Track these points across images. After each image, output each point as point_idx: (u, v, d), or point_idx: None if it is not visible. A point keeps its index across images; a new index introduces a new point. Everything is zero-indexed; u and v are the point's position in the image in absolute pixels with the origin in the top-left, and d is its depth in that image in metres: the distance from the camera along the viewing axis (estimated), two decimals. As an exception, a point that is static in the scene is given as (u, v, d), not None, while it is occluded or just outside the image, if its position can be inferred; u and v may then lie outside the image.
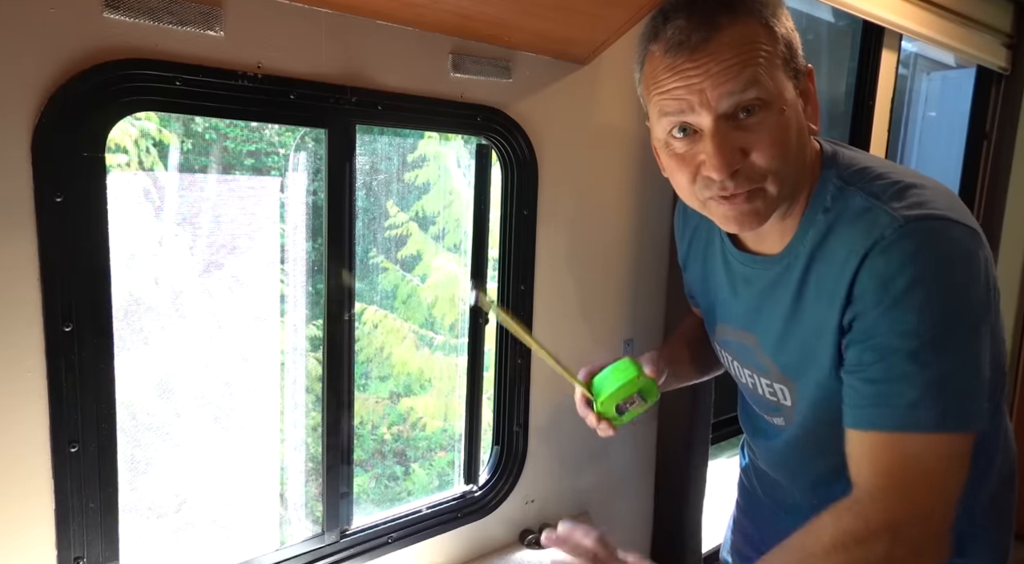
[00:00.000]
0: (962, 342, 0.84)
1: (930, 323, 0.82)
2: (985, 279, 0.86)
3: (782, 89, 0.88)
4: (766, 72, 0.86)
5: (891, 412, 0.84)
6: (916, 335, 0.83)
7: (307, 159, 1.40)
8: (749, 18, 0.87)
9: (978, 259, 0.85)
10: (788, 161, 0.89)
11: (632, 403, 1.09)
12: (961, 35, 2.47)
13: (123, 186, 1.30)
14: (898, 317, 0.84)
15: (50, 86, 0.89)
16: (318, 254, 1.32)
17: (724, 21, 0.85)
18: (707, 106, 0.86)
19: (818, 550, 0.82)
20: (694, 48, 0.85)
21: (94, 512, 0.99)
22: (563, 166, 1.50)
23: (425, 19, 1.19)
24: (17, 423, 0.92)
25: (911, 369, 0.83)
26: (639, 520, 1.88)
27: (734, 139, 0.87)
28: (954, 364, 0.83)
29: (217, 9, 0.99)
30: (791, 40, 0.90)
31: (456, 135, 1.55)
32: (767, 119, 0.87)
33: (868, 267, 0.86)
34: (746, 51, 0.85)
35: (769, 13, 0.88)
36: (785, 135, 0.88)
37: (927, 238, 0.84)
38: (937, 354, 0.83)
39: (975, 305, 0.85)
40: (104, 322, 0.97)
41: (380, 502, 2.20)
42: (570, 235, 1.56)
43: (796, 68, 0.91)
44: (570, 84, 1.48)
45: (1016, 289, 3.31)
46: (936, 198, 0.87)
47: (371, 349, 2.22)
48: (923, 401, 0.82)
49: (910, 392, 0.83)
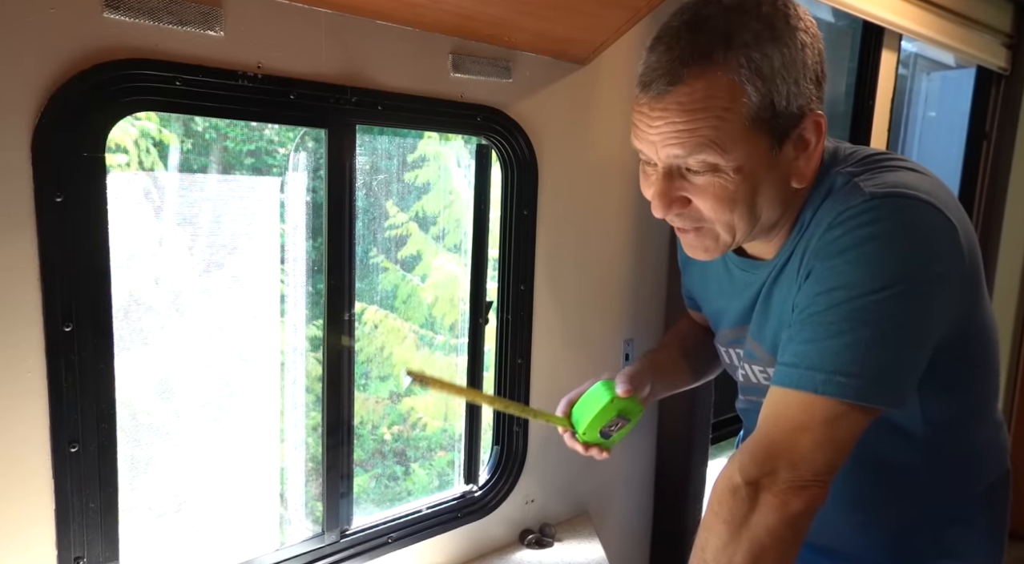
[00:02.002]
0: (887, 314, 0.82)
1: (857, 291, 0.82)
2: (943, 262, 0.84)
3: (743, 151, 0.84)
4: (722, 136, 0.83)
5: (796, 372, 0.85)
6: (838, 301, 0.83)
7: (307, 159, 1.40)
8: (720, 70, 0.81)
9: (940, 240, 0.84)
10: (741, 215, 0.88)
11: (616, 426, 1.08)
12: (961, 35, 2.47)
13: (123, 186, 1.30)
14: (829, 279, 0.84)
15: (50, 86, 0.89)
16: (318, 254, 1.32)
17: (690, 73, 0.82)
18: (657, 156, 0.88)
19: (709, 507, 0.89)
20: (655, 96, 0.84)
21: (94, 512, 0.99)
22: (563, 166, 1.50)
23: (425, 19, 1.19)
24: (17, 423, 0.92)
25: (824, 332, 0.84)
26: (639, 520, 1.88)
27: (678, 187, 0.88)
28: (870, 337, 0.82)
29: (217, 9, 1.00)
30: (775, 96, 0.83)
31: (456, 135, 1.56)
32: (714, 180, 0.86)
33: (825, 235, 0.86)
34: (701, 115, 0.82)
35: (750, 64, 0.81)
36: (737, 194, 0.87)
37: (888, 211, 0.83)
38: (852, 322, 0.82)
39: (921, 279, 0.83)
40: (104, 322, 0.97)
41: (380, 502, 2.20)
42: (570, 235, 1.56)
43: (779, 124, 0.85)
44: (570, 84, 1.48)
45: (1016, 289, 3.31)
46: (918, 182, 0.86)
47: (371, 349, 2.22)
48: (825, 366, 0.83)
49: (817, 355, 0.84)
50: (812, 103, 0.87)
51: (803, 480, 0.84)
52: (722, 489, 0.89)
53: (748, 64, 0.81)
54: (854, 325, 0.83)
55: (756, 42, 0.82)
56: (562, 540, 1.57)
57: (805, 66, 0.84)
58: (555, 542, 1.56)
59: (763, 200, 0.89)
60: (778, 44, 0.82)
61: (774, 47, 0.82)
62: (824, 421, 0.84)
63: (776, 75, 0.82)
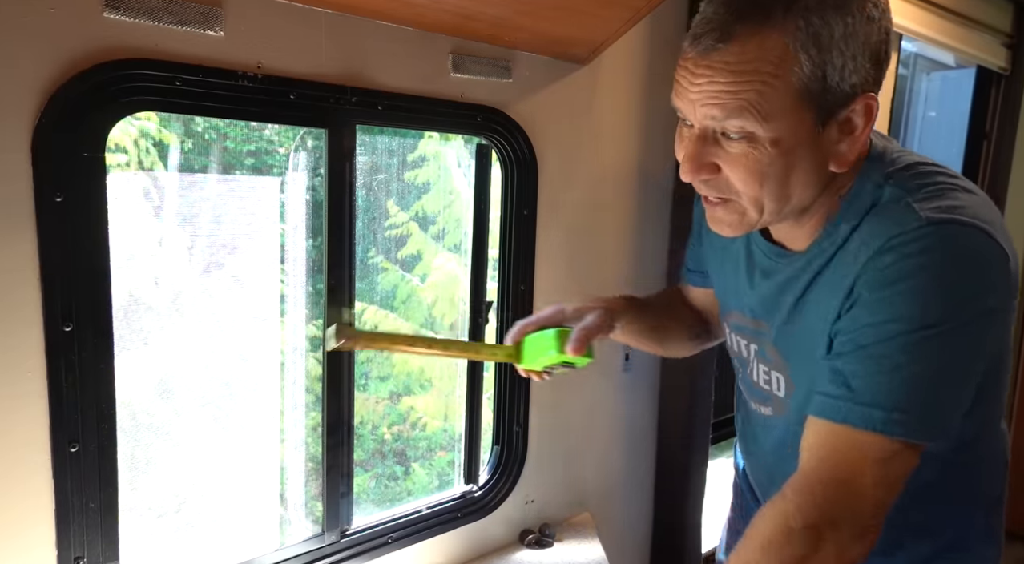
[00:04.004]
0: (942, 349, 0.80)
1: (913, 325, 0.79)
2: (996, 296, 0.82)
3: (785, 123, 0.80)
4: (765, 103, 0.78)
5: (852, 407, 0.82)
6: (893, 334, 0.80)
7: (307, 159, 1.40)
8: (775, 32, 0.77)
9: (994, 272, 0.81)
10: (771, 193, 0.84)
11: (558, 369, 1.06)
12: (961, 35, 2.47)
13: (123, 186, 1.30)
14: (883, 311, 0.81)
15: (50, 86, 0.89)
16: (318, 254, 1.32)
17: (743, 30, 0.77)
18: (694, 116, 0.84)
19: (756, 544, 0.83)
20: (703, 51, 0.80)
21: (94, 512, 0.99)
22: (563, 166, 1.50)
23: (425, 19, 1.19)
24: (17, 423, 0.92)
25: (879, 367, 0.81)
26: (639, 520, 1.88)
27: (710, 153, 0.84)
28: (924, 372, 0.80)
29: (217, 9, 0.99)
30: (828, 69, 0.78)
31: (456, 135, 1.56)
32: (749, 151, 0.81)
33: (876, 260, 0.82)
34: (746, 78, 0.78)
35: (809, 29, 0.76)
36: (770, 169, 0.82)
37: (945, 240, 0.79)
38: (909, 356, 0.80)
39: (973, 314, 0.80)
40: (104, 322, 0.97)
41: (380, 502, 2.20)
42: (570, 235, 1.56)
43: (828, 100, 0.80)
44: (570, 84, 1.48)
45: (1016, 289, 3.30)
46: (975, 206, 0.82)
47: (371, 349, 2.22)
48: (882, 402, 0.80)
49: (874, 390, 0.81)
50: (867, 84, 0.81)
51: (863, 526, 0.82)
52: (775, 529, 0.83)
53: (807, 28, 0.76)
54: (907, 361, 0.80)
55: (819, 6, 0.76)
56: (562, 540, 1.57)
57: (867, 42, 0.79)
58: (555, 542, 1.56)
59: (796, 180, 0.84)
60: (842, 13, 0.77)
61: (837, 15, 0.77)
62: (879, 460, 0.81)
63: (834, 46, 0.77)
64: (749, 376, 1.10)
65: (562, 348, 1.01)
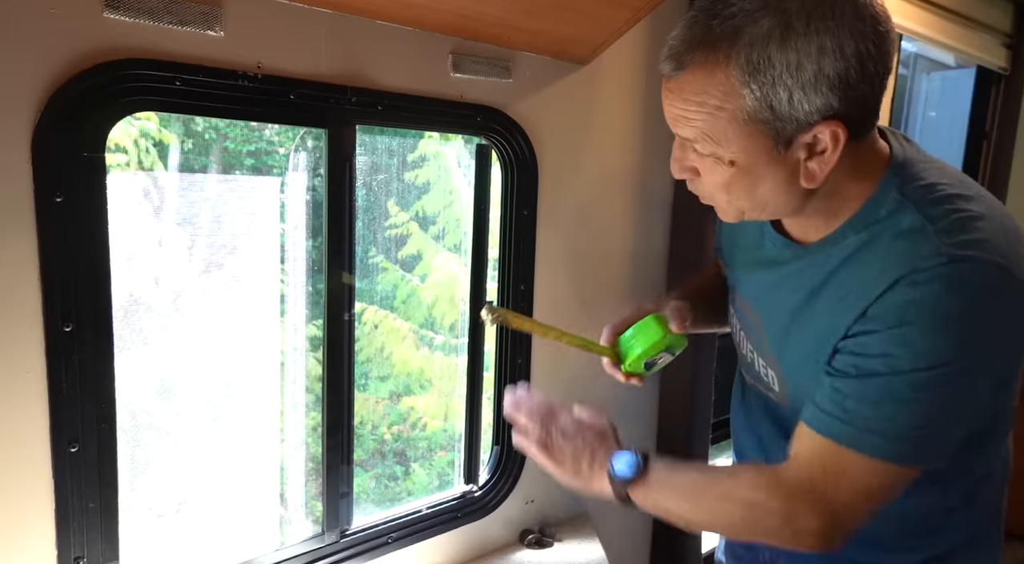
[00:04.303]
0: (948, 388, 0.82)
1: (923, 363, 0.81)
2: (1015, 331, 0.84)
3: (738, 145, 0.83)
4: (716, 131, 0.82)
5: (849, 430, 0.85)
6: (903, 369, 0.82)
7: (307, 159, 1.40)
8: (720, 66, 0.79)
9: (1011, 310, 0.82)
10: (741, 200, 0.89)
11: (660, 358, 1.11)
12: (961, 35, 2.47)
13: (123, 186, 1.30)
14: (896, 345, 0.82)
15: (50, 86, 0.89)
16: (318, 254, 1.32)
17: (693, 61, 0.81)
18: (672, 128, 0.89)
19: (726, 492, 0.94)
20: (666, 75, 0.85)
21: (94, 512, 0.99)
22: (563, 166, 1.50)
23: (425, 19, 1.19)
24: (17, 423, 0.92)
25: (883, 397, 0.83)
26: (639, 520, 1.88)
27: (688, 158, 0.89)
28: (927, 407, 0.83)
29: (217, 9, 0.99)
30: (774, 101, 0.79)
31: (456, 135, 1.56)
32: (713, 166, 0.86)
33: (895, 292, 0.83)
34: (696, 107, 0.82)
35: (749, 67, 0.78)
36: (732, 184, 0.87)
37: (964, 281, 0.80)
38: (915, 392, 0.82)
39: (985, 353, 0.82)
40: (104, 322, 0.97)
41: (380, 502, 2.20)
42: (570, 235, 1.56)
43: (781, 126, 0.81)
44: (570, 84, 1.48)
45: (1016, 289, 3.30)
46: (994, 237, 0.82)
47: (371, 349, 2.22)
48: (881, 430, 0.84)
49: (873, 418, 0.84)
50: (831, 110, 0.80)
51: (839, 532, 0.88)
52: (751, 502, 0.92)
53: (746, 65, 0.79)
54: (912, 397, 0.82)
55: (762, 42, 0.78)
56: (562, 540, 1.57)
57: (820, 73, 0.78)
58: (555, 542, 1.56)
59: (764, 191, 0.87)
60: (785, 49, 0.78)
61: (781, 50, 0.78)
62: (880, 482, 0.86)
63: (778, 80, 0.78)
64: (750, 364, 1.12)
65: (667, 328, 1.08)
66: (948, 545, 1.03)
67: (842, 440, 0.86)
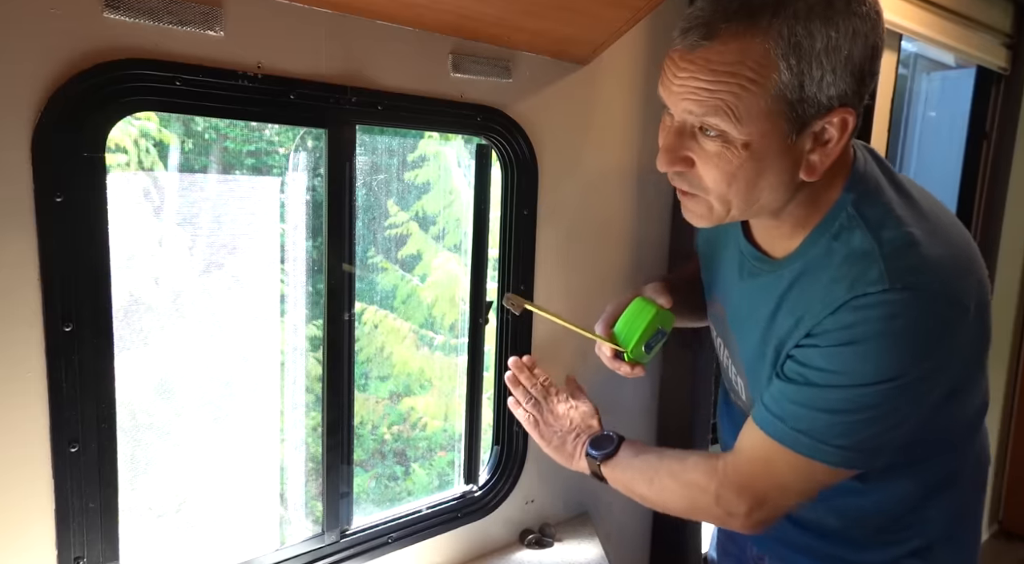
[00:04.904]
0: (877, 404, 0.86)
1: (856, 381, 0.85)
2: (950, 352, 0.86)
3: (757, 128, 0.81)
4: (741, 106, 0.80)
5: (784, 429, 0.91)
6: (837, 384, 0.86)
7: (307, 159, 1.40)
8: (759, 36, 0.77)
9: (949, 333, 0.85)
10: (738, 193, 0.87)
11: (656, 338, 1.14)
12: (961, 35, 2.47)
13: (123, 186, 1.30)
14: (833, 362, 0.87)
15: (50, 86, 0.89)
16: (318, 254, 1.32)
17: (728, 31, 0.78)
18: (675, 108, 0.86)
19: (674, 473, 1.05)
20: (688, 46, 0.81)
21: (94, 512, 0.99)
22: (563, 166, 1.50)
23: (425, 19, 1.19)
24: (17, 423, 0.92)
25: (818, 405, 0.88)
26: (639, 520, 1.88)
27: (686, 147, 0.87)
28: (857, 419, 0.87)
29: (217, 9, 0.99)
30: (806, 79, 0.78)
31: (456, 135, 1.55)
32: (722, 151, 0.84)
33: (839, 314, 0.86)
34: (725, 79, 0.79)
35: (792, 38, 0.77)
36: (739, 171, 0.84)
37: (904, 309, 0.83)
38: (846, 405, 0.87)
39: (922, 372, 0.86)
40: (104, 322, 0.97)
41: (380, 502, 2.20)
42: (570, 235, 1.56)
43: (803, 109, 0.81)
44: (570, 84, 1.48)
45: (1016, 289, 3.31)
46: (940, 261, 0.84)
47: (371, 349, 2.22)
48: (812, 433, 0.89)
49: (806, 421, 0.89)
50: (846, 97, 0.81)
51: (763, 517, 0.97)
52: (692, 483, 1.02)
53: (790, 37, 0.77)
54: (851, 408, 0.87)
55: (806, 16, 0.77)
56: (562, 540, 1.57)
57: (850, 57, 0.79)
58: (555, 542, 1.56)
59: (765, 183, 0.86)
60: (828, 25, 0.77)
61: (823, 27, 0.77)
62: (805, 478, 0.93)
63: (815, 58, 0.78)
64: (725, 369, 1.15)
65: (656, 305, 1.12)
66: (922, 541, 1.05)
67: (777, 437, 0.92)
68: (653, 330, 1.12)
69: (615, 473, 1.12)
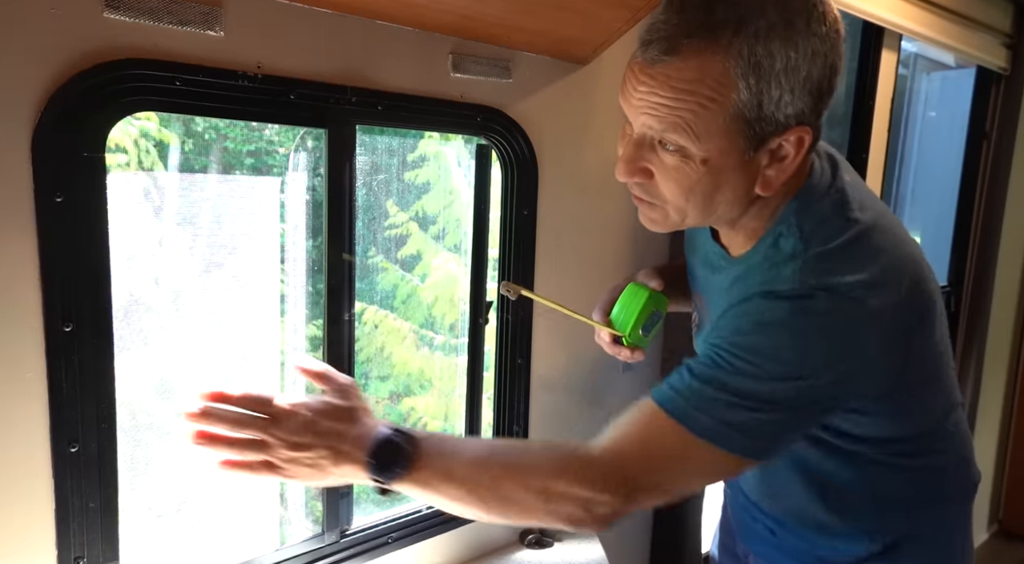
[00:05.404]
0: (785, 397, 0.84)
1: (765, 368, 0.84)
2: (856, 358, 0.85)
3: (715, 144, 0.82)
4: (700, 124, 0.80)
5: (682, 404, 0.86)
6: (746, 370, 0.84)
7: (307, 159, 1.40)
8: (719, 55, 0.77)
9: (854, 338, 0.84)
10: (695, 205, 0.87)
11: (651, 321, 1.14)
12: (961, 35, 2.47)
13: (123, 186, 1.30)
14: (744, 344, 0.86)
15: (50, 86, 0.89)
16: (318, 254, 1.32)
17: (688, 48, 0.77)
18: (635, 121, 0.86)
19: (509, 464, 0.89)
20: (648, 61, 0.81)
21: (94, 512, 0.99)
22: (563, 166, 1.50)
23: (425, 19, 1.19)
24: (17, 423, 0.92)
25: (716, 385, 0.85)
26: (639, 520, 1.88)
27: (645, 159, 0.87)
28: (747, 407, 0.84)
29: (217, 9, 0.99)
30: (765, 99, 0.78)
31: (456, 135, 1.55)
32: (680, 165, 0.84)
33: (745, 303, 0.88)
34: (684, 96, 0.79)
35: (751, 58, 0.77)
36: (697, 186, 0.85)
37: (806, 310, 0.83)
38: (750, 392, 0.84)
39: (827, 378, 0.84)
40: (104, 322, 0.97)
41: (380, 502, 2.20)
42: (570, 235, 1.56)
43: (761, 127, 0.81)
44: (570, 84, 1.48)
45: (1016, 289, 3.30)
46: (863, 268, 0.84)
47: (371, 349, 2.22)
48: (707, 411, 0.85)
49: (704, 399, 0.85)
50: (803, 116, 0.82)
51: (633, 503, 0.88)
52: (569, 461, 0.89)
53: (749, 57, 0.77)
54: (750, 397, 0.84)
55: (767, 36, 0.76)
56: (562, 540, 1.57)
57: (808, 77, 0.79)
58: (555, 542, 1.56)
59: (722, 197, 0.87)
60: (787, 45, 0.77)
61: (782, 47, 0.77)
62: (690, 456, 0.87)
63: (774, 78, 0.78)
64: None
65: (648, 288, 1.13)
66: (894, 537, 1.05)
67: (672, 411, 0.86)
68: (648, 313, 1.12)
69: (416, 485, 0.88)
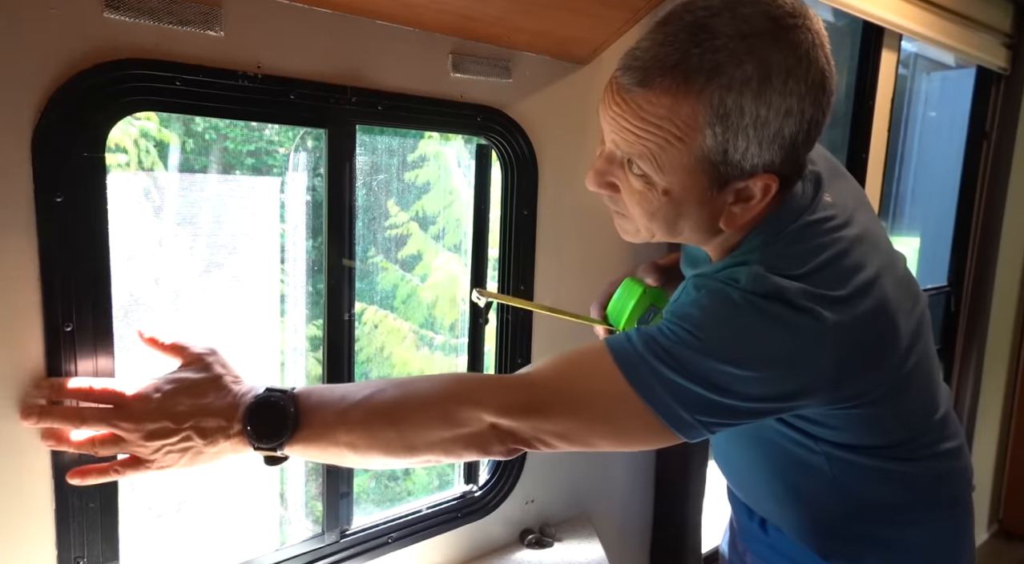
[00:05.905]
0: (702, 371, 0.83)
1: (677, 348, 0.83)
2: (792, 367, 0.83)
3: (678, 179, 0.82)
4: (664, 158, 0.80)
5: (628, 351, 0.85)
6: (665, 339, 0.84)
7: (307, 159, 1.40)
8: (689, 98, 0.76)
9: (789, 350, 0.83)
10: (659, 227, 0.89)
11: (649, 317, 1.13)
12: (961, 35, 2.48)
13: (123, 186, 1.30)
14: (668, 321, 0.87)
15: (50, 86, 0.89)
16: (318, 254, 1.32)
17: (663, 84, 0.77)
18: (607, 137, 0.87)
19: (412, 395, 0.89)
20: (624, 86, 0.82)
21: (94, 512, 0.99)
22: (563, 166, 1.50)
23: (425, 19, 1.19)
24: (17, 423, 0.92)
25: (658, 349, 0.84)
26: (639, 520, 1.88)
27: (613, 174, 0.88)
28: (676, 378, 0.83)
29: (217, 9, 0.99)
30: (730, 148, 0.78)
31: (456, 135, 1.55)
32: (644, 190, 0.85)
33: (685, 285, 0.90)
34: (652, 130, 0.79)
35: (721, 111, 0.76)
36: (658, 212, 0.86)
37: (729, 298, 0.83)
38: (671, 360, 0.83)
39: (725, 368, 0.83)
40: (104, 322, 0.97)
41: (380, 502, 2.20)
42: (570, 235, 1.56)
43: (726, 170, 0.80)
44: (570, 84, 1.48)
45: (1016, 289, 3.31)
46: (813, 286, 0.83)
47: (371, 349, 2.22)
48: (647, 367, 0.84)
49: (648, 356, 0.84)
50: (773, 166, 0.81)
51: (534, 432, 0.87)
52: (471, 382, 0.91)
53: (718, 107, 0.76)
54: (688, 369, 0.83)
55: (739, 89, 0.75)
56: (562, 540, 1.57)
57: (779, 133, 0.78)
58: (555, 542, 1.56)
59: (684, 225, 0.88)
60: (759, 101, 0.76)
61: (753, 103, 0.76)
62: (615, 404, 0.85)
63: (742, 130, 0.77)
64: None
65: (644, 284, 1.13)
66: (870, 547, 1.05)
67: (617, 358, 0.85)
68: (644, 307, 1.12)
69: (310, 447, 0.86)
